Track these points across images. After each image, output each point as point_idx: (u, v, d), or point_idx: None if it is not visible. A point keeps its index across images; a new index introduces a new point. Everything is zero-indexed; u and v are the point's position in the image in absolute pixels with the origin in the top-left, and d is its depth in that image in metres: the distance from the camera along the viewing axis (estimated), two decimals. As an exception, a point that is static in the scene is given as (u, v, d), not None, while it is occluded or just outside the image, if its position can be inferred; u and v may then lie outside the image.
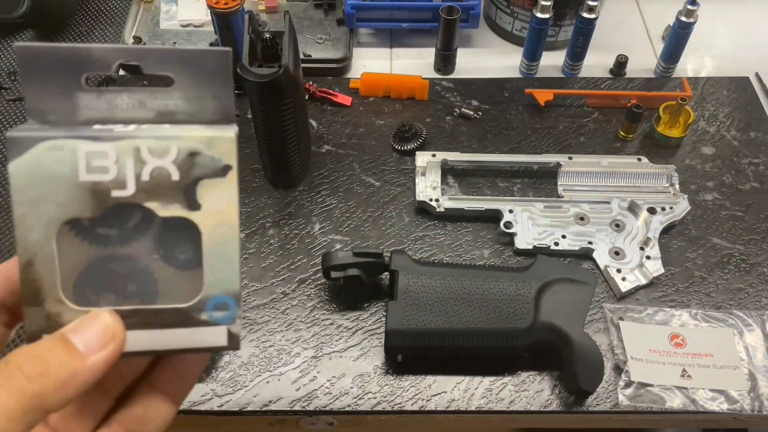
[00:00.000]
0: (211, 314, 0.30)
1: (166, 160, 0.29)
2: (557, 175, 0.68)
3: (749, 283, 0.62)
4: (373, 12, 0.81)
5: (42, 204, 0.28)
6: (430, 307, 0.54)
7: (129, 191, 0.29)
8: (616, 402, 0.55)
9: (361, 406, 0.55)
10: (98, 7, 0.89)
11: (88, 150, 0.28)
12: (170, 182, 0.29)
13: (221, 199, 0.29)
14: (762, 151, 0.72)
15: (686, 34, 0.75)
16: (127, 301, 0.30)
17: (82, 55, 0.29)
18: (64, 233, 0.29)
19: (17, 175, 0.28)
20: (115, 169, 0.28)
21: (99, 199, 0.28)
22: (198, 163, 0.29)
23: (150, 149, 0.28)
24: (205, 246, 0.30)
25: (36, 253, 0.28)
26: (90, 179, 0.28)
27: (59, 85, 0.29)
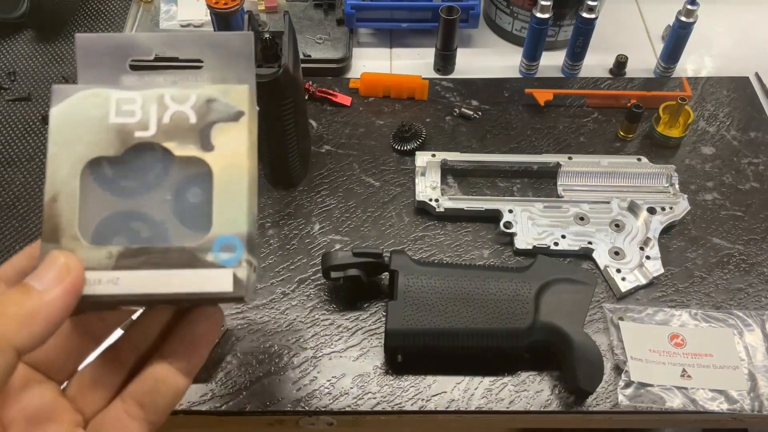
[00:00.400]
0: (218, 255, 0.30)
1: (186, 106, 0.31)
2: (557, 175, 0.68)
3: (749, 283, 0.62)
4: (373, 12, 0.81)
5: (73, 144, 0.31)
6: (429, 307, 0.54)
7: (150, 132, 0.31)
8: (616, 402, 0.55)
9: (361, 407, 0.55)
10: (98, 7, 0.89)
11: (119, 97, 0.31)
12: (188, 124, 0.31)
13: (233, 142, 0.31)
14: (762, 151, 0.72)
15: (686, 34, 0.75)
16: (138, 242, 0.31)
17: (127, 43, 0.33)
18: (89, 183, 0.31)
19: (56, 117, 0.31)
20: (140, 113, 0.31)
21: (123, 139, 0.31)
22: (214, 108, 0.32)
23: (172, 96, 0.32)
24: (216, 186, 0.31)
25: (61, 190, 0.31)
26: (118, 121, 0.31)
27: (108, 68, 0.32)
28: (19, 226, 0.67)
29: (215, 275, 0.30)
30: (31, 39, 0.85)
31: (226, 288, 0.30)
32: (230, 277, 0.30)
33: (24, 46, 0.84)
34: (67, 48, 0.84)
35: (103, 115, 0.31)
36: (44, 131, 0.75)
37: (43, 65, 0.82)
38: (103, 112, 0.31)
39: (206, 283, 0.30)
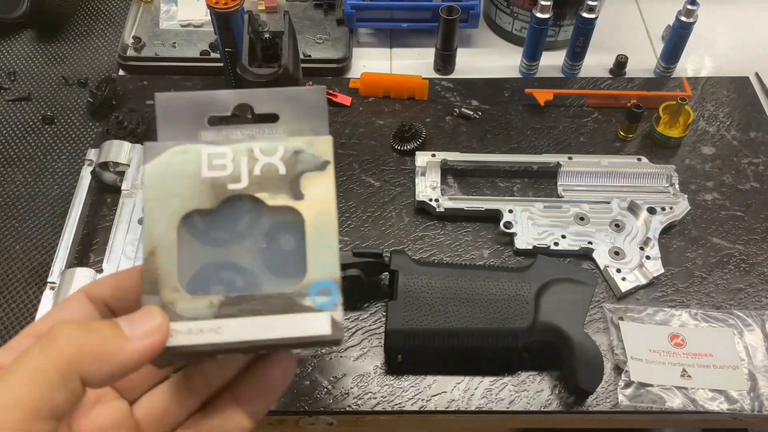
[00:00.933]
0: (315, 299, 0.32)
1: (275, 158, 0.33)
2: (557, 175, 0.68)
3: (749, 283, 0.62)
4: (373, 12, 0.81)
5: (168, 199, 0.32)
6: (429, 307, 0.54)
7: (243, 184, 0.32)
8: (616, 402, 0.55)
9: (361, 406, 0.55)
10: (98, 7, 0.89)
11: (210, 152, 0.33)
12: (278, 176, 0.33)
13: (321, 190, 0.33)
14: (762, 151, 0.72)
15: (686, 34, 0.75)
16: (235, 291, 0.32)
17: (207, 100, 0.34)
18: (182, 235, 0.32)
19: (151, 174, 0.32)
20: (232, 166, 0.32)
21: (217, 192, 0.32)
22: (301, 159, 0.33)
23: (261, 149, 0.33)
24: (308, 233, 0.32)
25: (158, 245, 0.31)
26: (210, 175, 0.32)
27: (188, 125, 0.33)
28: (19, 226, 0.67)
29: (314, 319, 0.31)
30: (31, 39, 0.85)
31: (324, 331, 0.31)
32: (328, 320, 0.31)
33: (24, 46, 0.84)
34: (67, 48, 0.84)
35: (195, 170, 0.32)
36: (44, 131, 0.75)
37: (43, 65, 0.82)
38: (196, 167, 0.32)
39: (305, 328, 0.31)
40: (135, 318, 0.30)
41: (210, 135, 0.34)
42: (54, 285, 0.58)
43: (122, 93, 0.77)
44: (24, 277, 0.63)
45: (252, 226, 0.33)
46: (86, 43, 0.85)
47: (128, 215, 0.63)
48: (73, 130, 0.75)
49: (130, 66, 0.80)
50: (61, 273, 0.58)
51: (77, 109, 0.77)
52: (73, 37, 0.85)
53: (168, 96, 0.34)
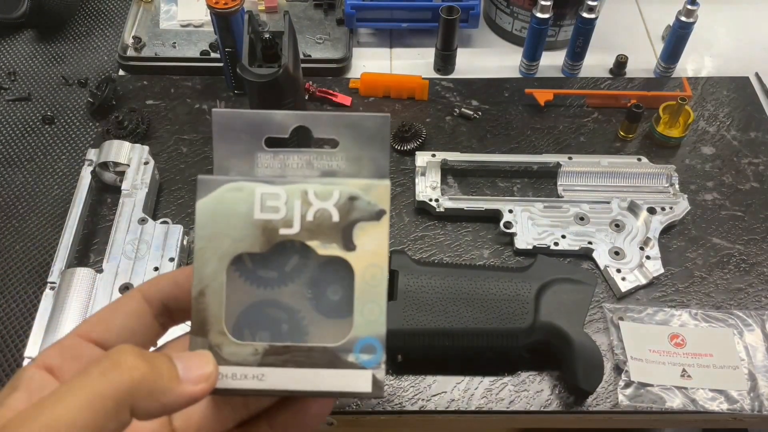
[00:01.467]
0: (358, 356, 0.31)
1: (329, 203, 0.32)
2: (557, 175, 0.68)
3: (749, 283, 0.62)
4: (373, 12, 0.81)
5: (219, 239, 0.31)
6: (430, 307, 0.54)
7: (294, 230, 0.31)
8: (616, 402, 0.55)
9: (361, 406, 0.55)
10: (98, 7, 0.89)
11: (264, 191, 0.31)
12: (330, 223, 0.31)
13: (374, 242, 0.32)
14: (762, 151, 0.72)
15: (686, 34, 0.75)
16: (280, 338, 0.32)
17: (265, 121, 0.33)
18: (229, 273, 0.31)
19: (203, 211, 0.31)
20: (285, 209, 0.31)
21: (268, 236, 0.31)
22: (356, 206, 0.32)
23: (316, 192, 0.32)
24: (357, 286, 0.31)
25: (208, 285, 0.31)
26: (262, 217, 0.31)
27: (244, 145, 0.32)
28: (19, 226, 0.67)
29: (355, 376, 0.31)
30: (31, 39, 0.85)
31: (365, 389, 0.31)
32: (370, 378, 0.31)
33: (24, 46, 0.84)
34: (68, 48, 0.84)
35: (248, 211, 0.31)
36: (44, 131, 0.75)
37: (43, 65, 0.82)
38: (248, 207, 0.31)
39: (346, 383, 0.31)
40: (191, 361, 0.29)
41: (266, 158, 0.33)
42: (54, 285, 0.58)
43: (122, 93, 0.77)
44: (24, 277, 0.63)
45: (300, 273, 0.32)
46: (86, 43, 0.85)
47: (128, 215, 0.63)
48: (73, 130, 0.75)
49: (130, 66, 0.80)
50: (61, 273, 0.58)
51: (77, 109, 0.77)
52: (73, 37, 0.85)
53: (225, 113, 0.32)
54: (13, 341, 0.59)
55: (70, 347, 0.30)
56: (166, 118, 0.75)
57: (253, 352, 0.31)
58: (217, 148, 0.32)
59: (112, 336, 0.31)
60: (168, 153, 0.72)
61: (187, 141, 0.73)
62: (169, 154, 0.72)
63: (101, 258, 0.61)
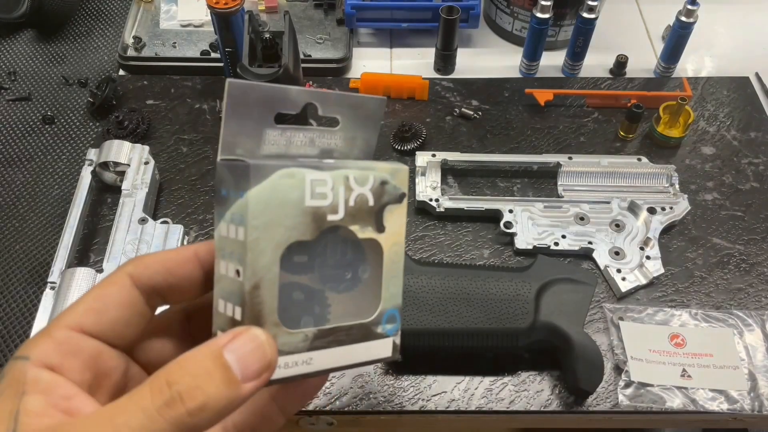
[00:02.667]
0: (385, 327, 0.34)
1: (366, 188, 0.32)
2: (557, 175, 0.68)
3: (749, 283, 0.62)
4: (373, 12, 0.81)
5: (273, 228, 0.30)
6: (430, 307, 0.54)
7: (340, 215, 0.32)
8: (616, 402, 0.55)
9: (361, 406, 0.55)
10: (98, 7, 0.89)
11: (313, 178, 0.31)
12: (367, 207, 0.33)
13: (397, 222, 0.33)
14: (762, 151, 0.72)
15: (686, 34, 0.75)
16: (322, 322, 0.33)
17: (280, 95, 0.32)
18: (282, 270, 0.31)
19: (257, 200, 0.29)
20: (331, 196, 0.31)
21: (318, 223, 0.31)
22: (386, 190, 0.33)
23: (356, 178, 0.32)
24: (385, 264, 0.33)
25: (263, 277, 0.30)
26: (313, 204, 0.31)
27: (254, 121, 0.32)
28: (20, 226, 0.67)
29: (381, 344, 0.34)
30: (31, 39, 0.85)
31: (387, 354, 0.34)
32: (391, 344, 0.34)
33: (24, 46, 0.84)
34: (68, 48, 0.84)
35: (299, 198, 0.31)
36: (44, 131, 0.75)
37: (43, 65, 0.82)
38: (300, 194, 0.31)
39: (375, 352, 0.34)
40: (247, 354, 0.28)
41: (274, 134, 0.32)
42: (54, 285, 0.58)
43: (122, 93, 0.77)
44: (24, 277, 0.63)
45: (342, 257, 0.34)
46: (86, 43, 0.85)
47: (128, 215, 0.63)
48: (73, 130, 0.75)
49: (130, 66, 0.80)
50: (61, 273, 0.58)
51: (77, 109, 0.77)
52: (73, 37, 0.85)
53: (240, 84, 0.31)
54: (13, 341, 0.59)
55: (65, 342, 0.29)
56: (166, 118, 0.75)
57: (303, 339, 0.31)
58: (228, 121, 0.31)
59: (107, 328, 0.30)
60: (168, 153, 0.72)
61: (187, 141, 0.73)
62: (169, 154, 0.72)
63: (101, 258, 0.61)
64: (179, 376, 0.26)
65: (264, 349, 0.28)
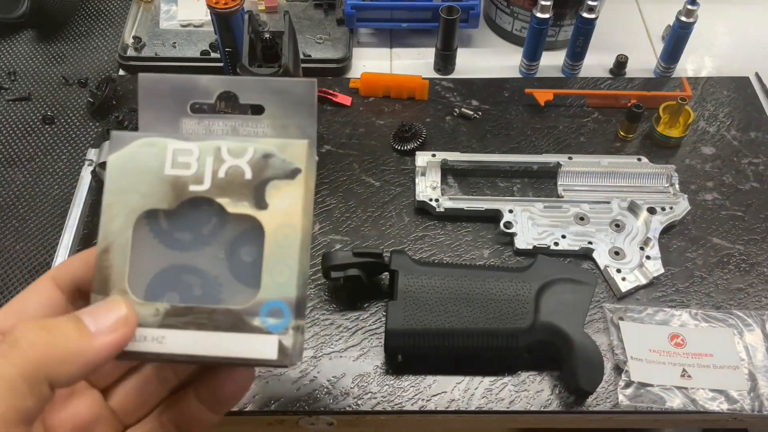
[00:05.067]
0: (264, 320, 0.29)
1: (242, 160, 0.30)
2: (557, 175, 0.68)
3: (749, 283, 0.62)
4: (373, 12, 0.81)
5: (128, 194, 0.30)
6: (430, 307, 0.54)
7: (205, 186, 0.30)
8: (616, 402, 0.55)
9: (361, 406, 0.55)
10: (98, 7, 0.89)
11: (176, 147, 0.30)
12: (243, 180, 0.30)
13: (288, 200, 0.30)
14: (762, 151, 0.72)
15: (686, 34, 0.75)
16: (188, 301, 0.30)
17: (190, 85, 0.32)
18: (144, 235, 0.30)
19: (114, 166, 0.30)
20: (196, 166, 0.30)
21: (177, 192, 0.30)
22: (270, 164, 0.30)
23: (230, 149, 0.30)
24: (267, 246, 0.30)
25: (114, 241, 0.30)
26: (173, 173, 0.30)
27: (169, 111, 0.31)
28: (19, 226, 0.67)
29: (260, 341, 0.29)
30: (31, 39, 0.85)
31: (270, 355, 0.30)
32: (275, 344, 0.29)
33: (24, 46, 0.84)
34: (67, 48, 0.84)
35: (159, 166, 0.30)
36: (44, 131, 0.75)
37: (43, 65, 0.82)
38: (160, 162, 0.30)
39: (251, 349, 0.29)
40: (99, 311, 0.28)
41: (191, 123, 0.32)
42: (54, 285, 0.58)
43: (122, 93, 0.77)
44: (24, 277, 0.63)
45: (214, 233, 0.31)
46: (86, 43, 0.85)
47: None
48: (73, 130, 0.75)
49: (130, 66, 0.80)
50: (61, 273, 0.58)
51: (77, 109, 0.77)
52: (73, 37, 0.85)
53: (151, 78, 0.32)
54: (13, 341, 0.59)
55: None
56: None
57: (154, 313, 0.30)
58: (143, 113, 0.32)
59: None
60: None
61: (187, 141, 0.73)
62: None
63: (101, 258, 0.60)
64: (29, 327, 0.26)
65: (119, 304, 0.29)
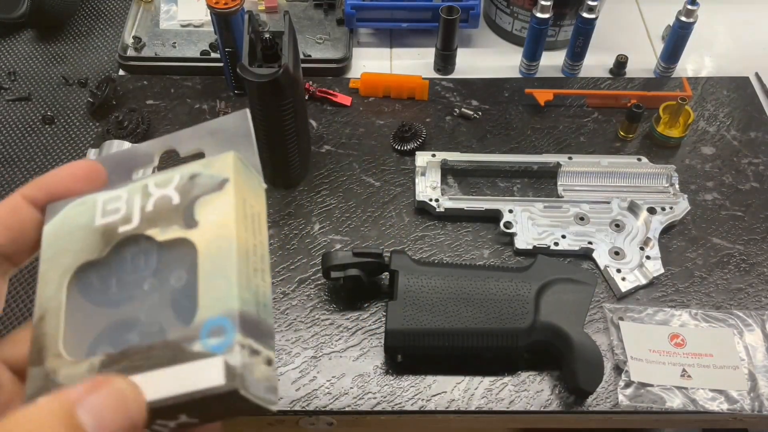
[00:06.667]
0: (205, 342, 0.25)
1: (169, 188, 0.29)
2: (557, 175, 0.68)
3: (749, 283, 0.62)
4: (373, 12, 0.81)
5: (60, 256, 0.29)
6: (430, 307, 0.54)
7: (134, 224, 0.28)
8: (616, 402, 0.55)
9: (361, 406, 0.55)
10: (98, 7, 0.89)
11: (105, 198, 0.29)
12: (171, 206, 0.28)
13: (218, 212, 0.27)
14: (762, 151, 0.72)
15: (686, 34, 0.75)
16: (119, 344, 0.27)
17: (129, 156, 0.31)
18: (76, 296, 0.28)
19: (46, 236, 0.29)
20: (125, 207, 0.29)
21: (107, 239, 0.28)
22: (197, 183, 0.28)
23: (156, 183, 0.29)
24: (201, 264, 0.27)
25: (47, 307, 0.28)
26: (103, 222, 0.29)
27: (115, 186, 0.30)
28: (19, 226, 0.67)
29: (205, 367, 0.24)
30: (31, 39, 0.85)
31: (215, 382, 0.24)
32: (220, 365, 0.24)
33: (24, 46, 0.84)
34: (68, 48, 0.84)
35: (89, 220, 0.29)
36: (44, 131, 0.75)
37: (43, 65, 0.82)
38: (89, 217, 0.29)
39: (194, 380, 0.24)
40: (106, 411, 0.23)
41: None
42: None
43: (122, 93, 0.77)
44: (24, 277, 0.63)
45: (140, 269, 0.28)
46: (86, 43, 0.85)
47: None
48: (73, 130, 0.75)
49: (130, 66, 0.80)
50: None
51: (77, 109, 0.77)
52: (73, 37, 0.85)
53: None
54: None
55: None
56: (166, 118, 0.75)
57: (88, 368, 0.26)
58: None
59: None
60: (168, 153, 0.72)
61: (187, 141, 0.73)
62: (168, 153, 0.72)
63: (101, 258, 0.61)
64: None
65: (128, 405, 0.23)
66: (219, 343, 0.25)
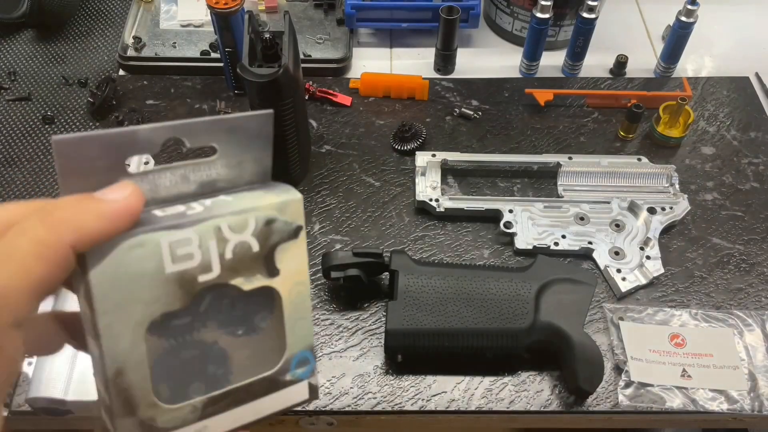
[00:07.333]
0: (295, 372, 0.31)
1: (246, 234, 0.28)
2: (557, 175, 0.68)
3: (749, 283, 0.62)
4: (373, 12, 0.81)
5: (128, 307, 0.26)
6: (430, 307, 0.54)
7: (215, 273, 0.28)
8: (616, 402, 0.55)
9: (361, 406, 0.55)
10: (98, 7, 0.89)
11: (172, 240, 0.27)
12: (252, 254, 0.29)
13: (295, 260, 0.30)
14: (762, 151, 0.72)
15: (686, 34, 0.75)
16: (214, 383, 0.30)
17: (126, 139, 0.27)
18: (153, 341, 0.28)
19: (99, 282, 0.25)
20: (200, 254, 0.27)
21: (187, 288, 0.27)
22: (275, 229, 0.29)
23: (230, 226, 0.28)
24: (286, 309, 0.30)
25: (126, 361, 0.27)
26: (176, 269, 0.27)
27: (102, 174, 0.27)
28: (19, 226, 0.67)
29: (294, 390, 0.31)
30: (31, 39, 0.85)
31: (303, 398, 0.32)
32: (306, 387, 0.32)
33: (24, 46, 0.84)
34: (68, 48, 0.84)
35: (157, 267, 0.26)
36: (44, 131, 0.75)
37: (43, 65, 0.82)
38: (157, 263, 0.26)
39: (286, 400, 0.31)
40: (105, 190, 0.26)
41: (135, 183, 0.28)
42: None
43: (122, 93, 0.77)
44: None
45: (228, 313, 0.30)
46: (86, 43, 0.85)
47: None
48: (73, 130, 0.75)
49: (130, 66, 0.80)
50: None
51: (77, 109, 0.77)
52: (73, 37, 0.85)
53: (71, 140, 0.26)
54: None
55: None
56: (166, 119, 0.75)
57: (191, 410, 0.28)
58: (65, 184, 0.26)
59: None
60: (168, 153, 0.72)
61: (187, 141, 0.73)
62: (169, 154, 0.72)
63: (101, 258, 0.60)
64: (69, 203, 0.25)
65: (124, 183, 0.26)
66: (305, 370, 0.31)
